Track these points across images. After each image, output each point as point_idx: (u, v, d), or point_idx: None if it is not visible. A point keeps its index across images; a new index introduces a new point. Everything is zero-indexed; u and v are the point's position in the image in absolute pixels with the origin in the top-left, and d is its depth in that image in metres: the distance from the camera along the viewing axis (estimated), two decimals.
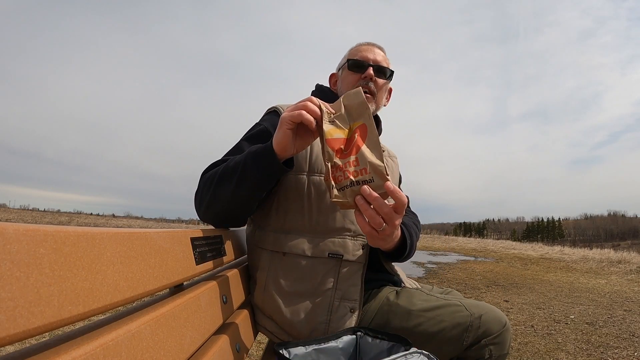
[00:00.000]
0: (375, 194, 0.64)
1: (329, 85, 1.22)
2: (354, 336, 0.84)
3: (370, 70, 1.09)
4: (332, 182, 0.67)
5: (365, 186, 0.64)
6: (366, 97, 1.06)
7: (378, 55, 1.13)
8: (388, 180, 0.65)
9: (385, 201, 0.65)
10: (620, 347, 2.71)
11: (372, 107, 1.10)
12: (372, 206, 0.65)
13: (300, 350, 0.75)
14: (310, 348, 0.77)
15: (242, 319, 0.87)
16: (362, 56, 1.12)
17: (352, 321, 0.92)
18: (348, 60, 1.12)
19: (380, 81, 1.12)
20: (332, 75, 1.22)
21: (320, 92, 1.19)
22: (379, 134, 1.22)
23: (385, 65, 1.14)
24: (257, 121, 1.04)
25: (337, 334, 0.83)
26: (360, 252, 0.95)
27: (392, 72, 1.15)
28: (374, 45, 1.16)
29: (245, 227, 1.08)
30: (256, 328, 0.98)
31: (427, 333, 0.90)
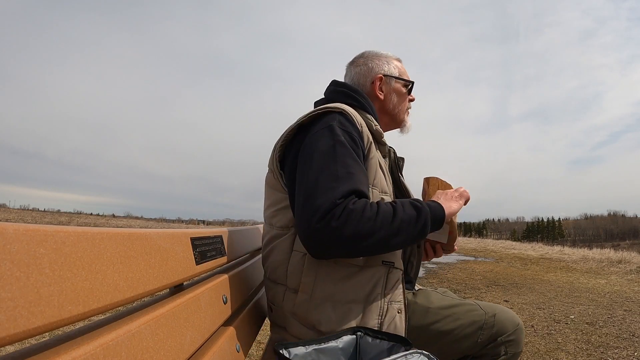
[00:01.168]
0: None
1: (371, 86, 1.13)
2: (354, 336, 0.84)
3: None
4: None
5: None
6: (409, 115, 1.23)
7: None
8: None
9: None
10: (620, 347, 2.70)
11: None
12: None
13: (300, 350, 0.75)
14: (310, 348, 0.77)
15: (242, 319, 0.87)
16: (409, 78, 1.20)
17: (401, 321, 0.92)
18: (412, 82, 1.18)
19: None
20: (378, 78, 1.13)
21: (346, 89, 1.08)
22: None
23: None
24: (334, 125, 0.89)
25: (337, 334, 0.82)
26: (401, 260, 0.98)
27: None
28: None
29: (250, 227, 1.07)
30: (256, 329, 0.98)
31: (444, 330, 0.95)
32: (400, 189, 1.12)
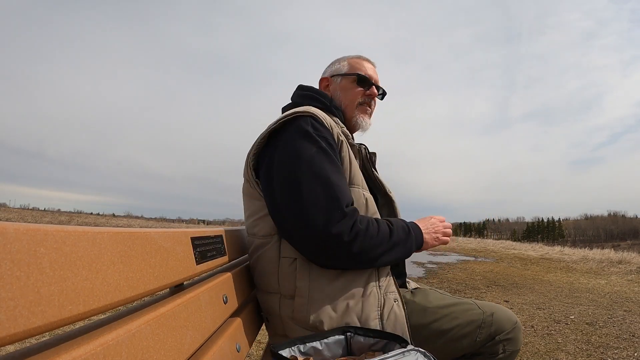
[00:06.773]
0: None
1: (322, 89, 1.19)
2: (343, 336, 0.84)
3: (375, 90, 1.17)
4: None
5: None
6: (365, 111, 1.17)
7: (377, 75, 1.20)
8: None
9: None
10: (620, 348, 2.70)
11: (369, 123, 1.18)
12: None
13: (294, 349, 0.75)
14: (305, 347, 0.77)
15: (243, 319, 0.87)
16: (368, 74, 1.17)
17: (400, 309, 0.93)
18: (357, 74, 1.15)
19: (378, 101, 1.22)
20: (323, 80, 1.20)
21: (312, 92, 1.12)
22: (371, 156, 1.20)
23: (382, 86, 1.21)
24: (310, 131, 0.90)
25: (325, 333, 0.82)
26: None
27: (386, 93, 1.24)
28: (372, 63, 1.21)
29: (244, 229, 1.05)
30: (256, 328, 0.98)
31: (442, 329, 0.96)
32: (375, 183, 1.14)
